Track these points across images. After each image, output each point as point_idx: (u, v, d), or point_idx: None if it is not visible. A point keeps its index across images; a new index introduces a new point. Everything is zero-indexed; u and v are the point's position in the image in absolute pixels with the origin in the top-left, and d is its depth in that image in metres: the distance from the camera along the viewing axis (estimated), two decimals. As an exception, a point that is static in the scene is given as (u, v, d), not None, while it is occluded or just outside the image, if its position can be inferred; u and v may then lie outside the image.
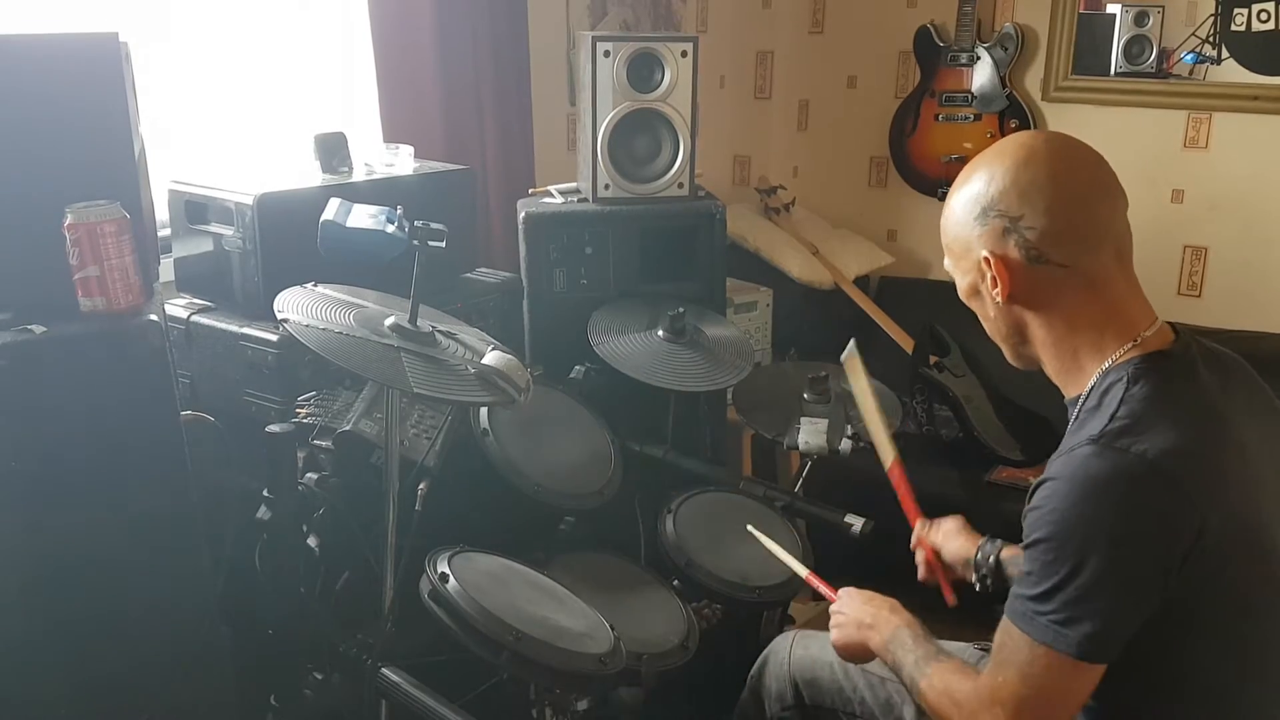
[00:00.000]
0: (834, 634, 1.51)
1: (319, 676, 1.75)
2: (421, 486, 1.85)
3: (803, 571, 1.74)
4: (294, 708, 1.76)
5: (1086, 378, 1.25)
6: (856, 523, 1.99)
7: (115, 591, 1.56)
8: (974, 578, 1.61)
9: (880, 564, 1.83)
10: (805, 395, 2.27)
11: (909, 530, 1.73)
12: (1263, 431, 1.26)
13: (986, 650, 1.59)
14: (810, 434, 2.14)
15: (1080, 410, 1.25)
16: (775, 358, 3.17)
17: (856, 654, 1.49)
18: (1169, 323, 1.28)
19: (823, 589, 1.64)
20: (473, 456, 1.95)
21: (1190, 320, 3.14)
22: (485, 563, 1.70)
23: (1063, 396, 1.33)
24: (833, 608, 1.55)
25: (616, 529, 2.10)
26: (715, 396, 2.51)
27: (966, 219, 1.26)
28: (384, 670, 1.68)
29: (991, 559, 1.59)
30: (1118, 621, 1.15)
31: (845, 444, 2.15)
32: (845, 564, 1.94)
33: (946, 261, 1.35)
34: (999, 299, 1.26)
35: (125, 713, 1.61)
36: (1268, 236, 3.10)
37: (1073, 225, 1.22)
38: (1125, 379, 1.20)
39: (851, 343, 1.81)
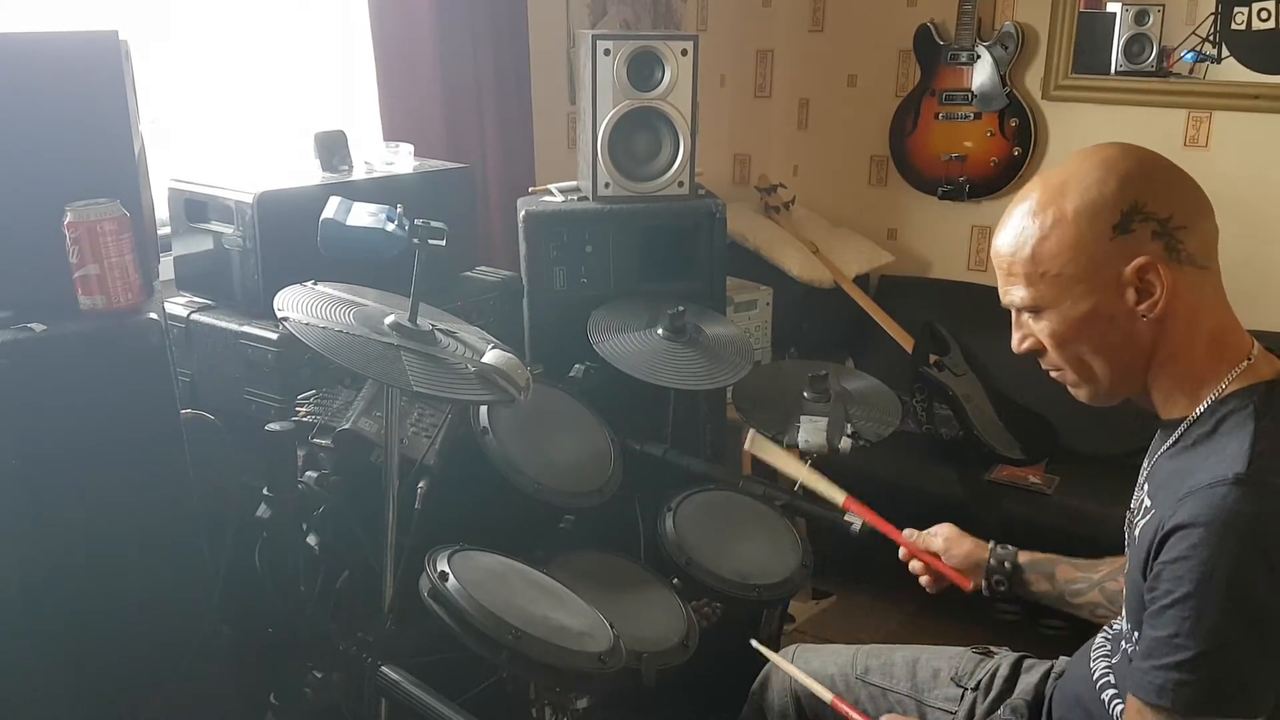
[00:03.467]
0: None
1: (319, 675, 1.75)
2: (421, 485, 1.85)
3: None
4: (294, 706, 1.76)
5: (1199, 400, 1.16)
6: (856, 521, 1.98)
7: (115, 590, 1.56)
8: (985, 581, 1.57)
9: (880, 562, 1.82)
10: (805, 394, 2.26)
11: (909, 529, 1.73)
12: None
13: (984, 654, 1.60)
14: (810, 433, 2.14)
15: (1187, 433, 1.17)
16: (775, 356, 3.17)
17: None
18: (1267, 347, 1.21)
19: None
20: (472, 455, 1.95)
21: (1190, 319, 3.15)
22: (485, 561, 1.70)
23: (1065, 393, 1.28)
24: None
25: (616, 528, 2.10)
26: (715, 395, 2.51)
27: (1100, 232, 1.13)
28: (384, 668, 1.68)
29: (1008, 564, 1.54)
30: (1272, 673, 1.06)
31: (845, 442, 2.14)
32: (845, 563, 1.95)
33: (1025, 294, 1.18)
34: (1151, 314, 1.13)
35: (125, 712, 1.61)
36: (1268, 236, 3.10)
37: (1206, 222, 1.16)
38: (1253, 408, 1.11)
39: (751, 431, 1.87)
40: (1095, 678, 1.33)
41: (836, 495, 1.78)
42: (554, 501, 1.97)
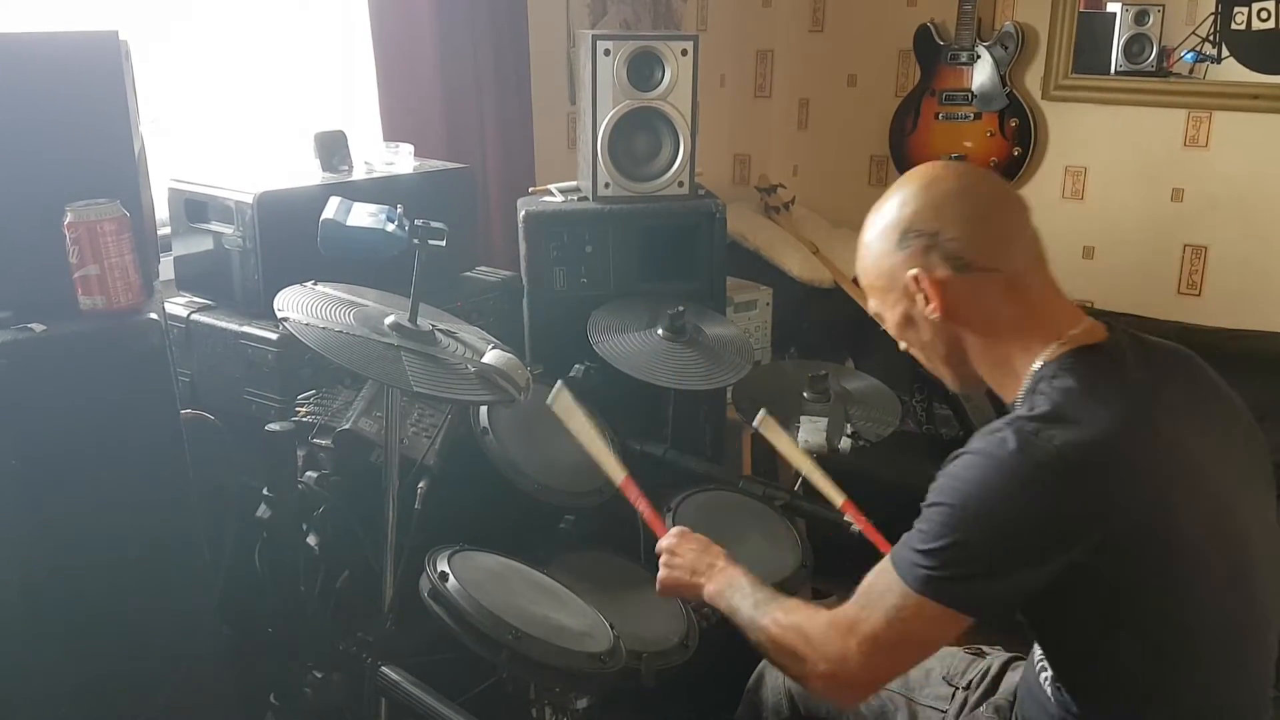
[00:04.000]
0: (662, 573, 1.54)
1: (319, 675, 1.75)
2: (421, 485, 1.85)
3: (619, 477, 1.71)
4: (294, 706, 1.76)
5: (1020, 381, 1.27)
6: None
7: (115, 590, 1.56)
8: None
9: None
10: (805, 394, 2.26)
11: (909, 529, 1.72)
12: (1204, 425, 1.27)
13: (976, 654, 1.60)
14: (810, 432, 2.14)
15: (1017, 410, 1.27)
16: (775, 356, 3.17)
17: (682, 595, 1.55)
18: (1106, 323, 1.31)
19: (650, 518, 1.64)
20: (472, 455, 1.95)
21: (1190, 319, 3.15)
22: (485, 561, 1.70)
23: None
24: (662, 544, 1.57)
25: (616, 528, 2.09)
26: (715, 395, 2.51)
27: (887, 248, 1.30)
28: (384, 669, 1.68)
29: None
30: (995, 585, 1.19)
31: (845, 443, 2.15)
32: (844, 563, 1.94)
33: (872, 304, 1.38)
34: (934, 316, 1.28)
35: (125, 712, 1.61)
36: (1268, 235, 3.10)
37: (988, 230, 1.28)
38: (1048, 375, 1.24)
39: (763, 410, 1.88)
40: (1035, 660, 1.39)
41: (836, 496, 1.78)
42: (554, 501, 1.97)
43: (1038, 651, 1.39)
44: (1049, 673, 1.34)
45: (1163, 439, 1.22)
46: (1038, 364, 1.26)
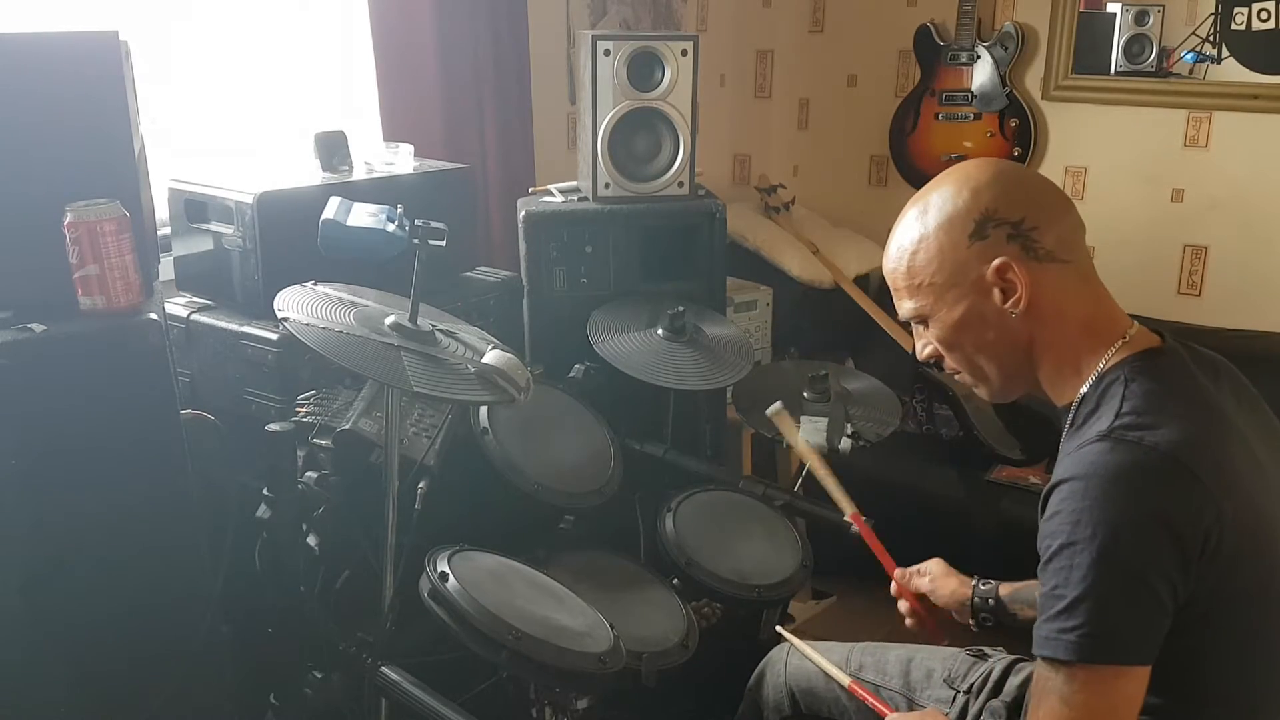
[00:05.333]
0: None
1: (319, 675, 1.75)
2: (421, 485, 1.85)
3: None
4: (294, 706, 1.76)
5: (1083, 381, 1.24)
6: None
7: (115, 590, 1.56)
8: (972, 620, 1.59)
9: (879, 564, 1.83)
10: (805, 394, 2.27)
11: (909, 529, 1.73)
12: (1260, 431, 1.26)
13: (978, 656, 1.60)
14: (810, 433, 2.14)
15: (1078, 413, 1.24)
16: (775, 357, 3.17)
17: None
18: (1154, 329, 1.28)
19: (872, 702, 1.56)
20: (472, 455, 1.95)
21: (1190, 319, 3.15)
22: (485, 561, 1.70)
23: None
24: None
25: (616, 528, 2.10)
26: (715, 395, 2.51)
27: (956, 240, 1.24)
28: (384, 669, 1.68)
29: (991, 600, 1.57)
30: (1149, 617, 1.12)
31: (845, 443, 2.15)
32: (844, 563, 1.94)
33: (914, 305, 1.30)
34: (1017, 309, 1.23)
35: (125, 713, 1.61)
36: (1268, 236, 3.10)
37: (1063, 220, 1.25)
38: (1123, 377, 1.20)
39: (780, 402, 1.88)
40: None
41: (845, 505, 1.78)
42: (554, 501, 1.97)
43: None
44: None
45: (1238, 435, 1.20)
46: (1102, 364, 1.23)
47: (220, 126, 2.38)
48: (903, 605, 1.66)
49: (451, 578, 1.54)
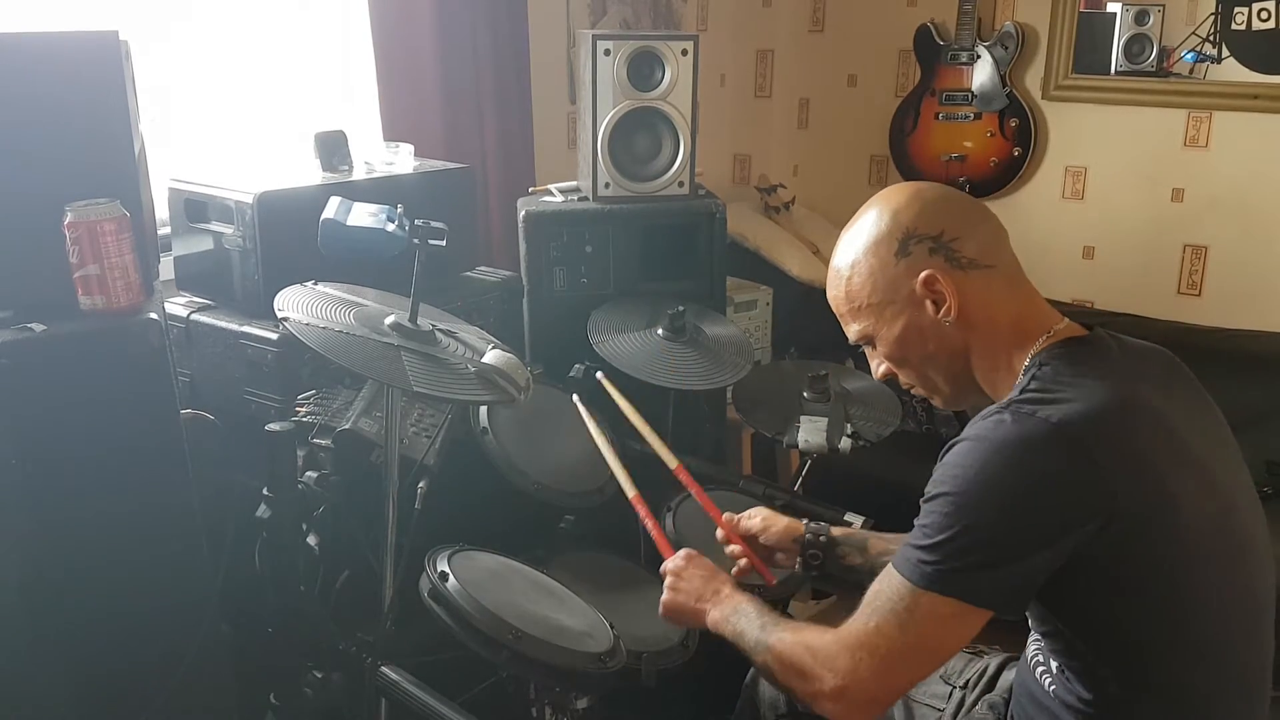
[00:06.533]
0: (666, 596, 1.51)
1: (319, 675, 1.75)
2: (421, 485, 1.85)
3: (630, 492, 1.70)
4: (294, 706, 1.76)
5: (1015, 377, 1.28)
6: (856, 521, 1.99)
7: (115, 590, 1.56)
8: (800, 557, 1.62)
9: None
10: (805, 394, 2.26)
11: (909, 529, 1.72)
12: (1188, 409, 1.29)
13: (974, 653, 1.60)
14: (810, 432, 2.14)
15: None
16: (775, 356, 3.17)
17: (685, 622, 1.52)
18: (1084, 323, 1.33)
19: (657, 538, 1.62)
20: (472, 455, 1.95)
21: (1190, 319, 3.15)
22: (485, 561, 1.70)
23: None
24: (668, 565, 1.54)
25: (616, 528, 2.09)
26: (715, 395, 2.51)
27: (883, 260, 1.31)
28: (384, 669, 1.68)
29: (822, 537, 1.62)
30: (1007, 573, 1.17)
31: (845, 442, 2.14)
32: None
33: (859, 328, 1.37)
34: (950, 318, 1.28)
35: (125, 712, 1.61)
36: (1268, 236, 3.10)
37: (983, 229, 1.31)
38: (1040, 361, 1.26)
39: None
40: (1030, 655, 1.39)
41: (669, 459, 1.78)
42: (554, 501, 1.97)
43: (1032, 648, 1.39)
44: (1044, 667, 1.33)
45: (1154, 412, 1.23)
46: (1028, 359, 1.27)
47: (220, 126, 2.38)
48: (731, 549, 1.67)
49: (451, 577, 1.54)
